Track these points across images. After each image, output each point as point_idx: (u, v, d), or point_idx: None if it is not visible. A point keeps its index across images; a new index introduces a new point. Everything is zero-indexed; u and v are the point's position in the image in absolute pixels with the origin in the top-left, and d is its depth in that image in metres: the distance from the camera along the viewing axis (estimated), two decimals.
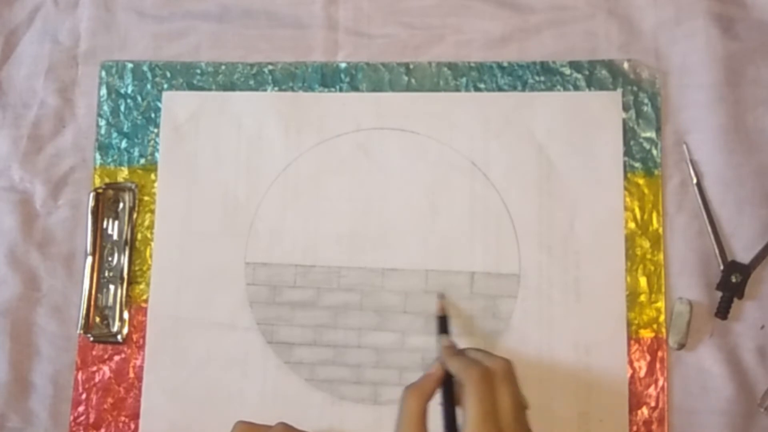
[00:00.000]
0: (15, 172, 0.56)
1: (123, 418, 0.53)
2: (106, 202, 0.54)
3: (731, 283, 0.50)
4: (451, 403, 0.44)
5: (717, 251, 0.50)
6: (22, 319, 0.54)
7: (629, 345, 0.50)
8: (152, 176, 0.55)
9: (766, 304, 0.50)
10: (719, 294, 0.50)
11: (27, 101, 0.57)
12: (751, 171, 0.51)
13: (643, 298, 0.50)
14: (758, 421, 0.49)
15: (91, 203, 0.54)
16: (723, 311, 0.49)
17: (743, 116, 0.52)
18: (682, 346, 0.50)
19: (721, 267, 0.50)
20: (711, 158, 0.51)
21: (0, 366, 0.54)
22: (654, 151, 0.52)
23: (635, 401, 0.49)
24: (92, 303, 0.53)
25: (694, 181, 0.51)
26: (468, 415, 0.40)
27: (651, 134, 0.52)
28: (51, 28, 0.58)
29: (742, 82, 0.52)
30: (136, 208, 0.55)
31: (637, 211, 0.51)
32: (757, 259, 0.50)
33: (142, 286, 0.54)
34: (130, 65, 0.56)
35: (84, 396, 0.53)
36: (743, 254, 0.50)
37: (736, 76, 0.52)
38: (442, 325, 0.49)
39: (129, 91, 0.56)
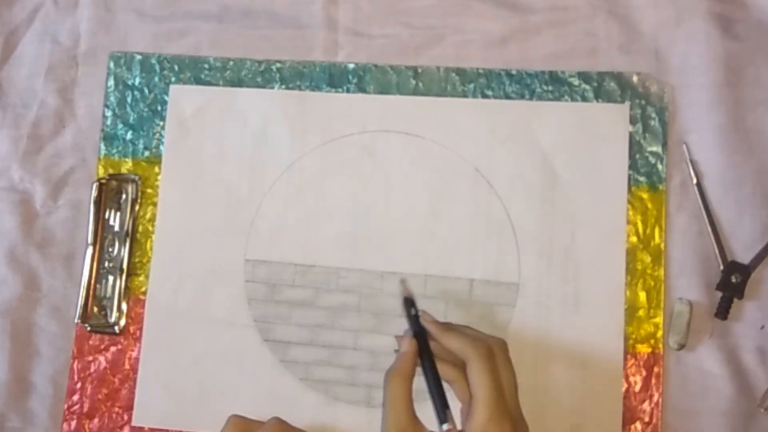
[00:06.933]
0: (15, 172, 0.56)
1: (117, 409, 0.53)
2: (108, 193, 0.55)
3: (731, 284, 0.49)
4: (437, 379, 0.43)
5: (717, 251, 0.50)
6: (22, 319, 0.54)
7: (626, 359, 0.50)
8: (156, 169, 0.55)
9: (766, 304, 0.50)
10: (719, 294, 0.50)
11: (27, 101, 0.57)
12: (751, 171, 0.51)
13: (641, 312, 0.50)
14: (758, 421, 0.49)
15: (94, 193, 0.54)
16: (723, 311, 0.49)
17: (743, 116, 0.52)
18: (682, 346, 0.49)
19: (721, 267, 0.50)
20: (711, 158, 0.51)
21: (0, 366, 0.54)
22: (659, 166, 0.51)
23: (629, 416, 0.49)
24: (91, 293, 0.53)
25: (694, 181, 0.51)
26: (479, 391, 0.40)
27: (657, 149, 0.52)
28: (51, 28, 0.58)
29: (742, 82, 0.52)
30: (139, 200, 0.55)
31: (639, 225, 0.51)
32: (757, 259, 0.50)
33: (141, 278, 0.54)
34: (138, 57, 0.56)
35: (79, 385, 0.53)
36: (743, 254, 0.50)
37: (736, 76, 0.52)
38: (411, 304, 0.47)
39: (136, 83, 0.56)
